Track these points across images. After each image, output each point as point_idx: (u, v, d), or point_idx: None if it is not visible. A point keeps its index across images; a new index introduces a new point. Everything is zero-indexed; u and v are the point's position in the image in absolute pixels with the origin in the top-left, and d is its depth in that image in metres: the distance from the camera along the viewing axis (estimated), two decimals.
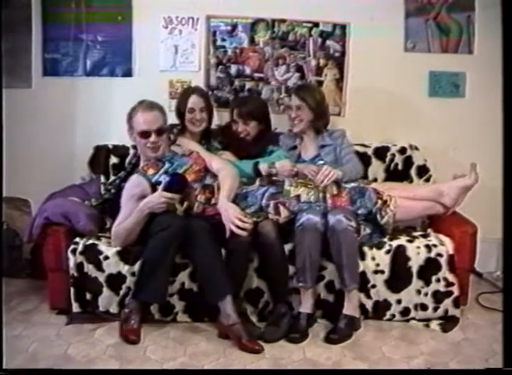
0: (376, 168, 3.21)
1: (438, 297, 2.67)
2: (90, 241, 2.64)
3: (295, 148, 3.04)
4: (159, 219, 2.51)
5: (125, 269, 2.58)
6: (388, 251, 2.65)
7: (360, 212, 2.66)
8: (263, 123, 3.01)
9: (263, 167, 2.83)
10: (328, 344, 2.46)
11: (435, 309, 2.68)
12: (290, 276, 2.60)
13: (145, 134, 2.59)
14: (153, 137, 2.60)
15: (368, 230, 2.69)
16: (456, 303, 2.68)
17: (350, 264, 2.53)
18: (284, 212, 2.64)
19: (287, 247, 2.61)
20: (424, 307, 2.68)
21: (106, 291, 2.59)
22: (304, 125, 2.97)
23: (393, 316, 2.69)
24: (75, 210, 2.69)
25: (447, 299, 2.67)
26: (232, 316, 2.42)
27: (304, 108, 2.93)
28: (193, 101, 2.89)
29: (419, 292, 2.67)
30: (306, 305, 2.58)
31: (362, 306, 2.64)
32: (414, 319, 2.69)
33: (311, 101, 2.93)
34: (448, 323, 2.65)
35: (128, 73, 3.26)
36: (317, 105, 2.94)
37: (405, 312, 2.68)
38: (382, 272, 2.64)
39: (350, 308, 2.55)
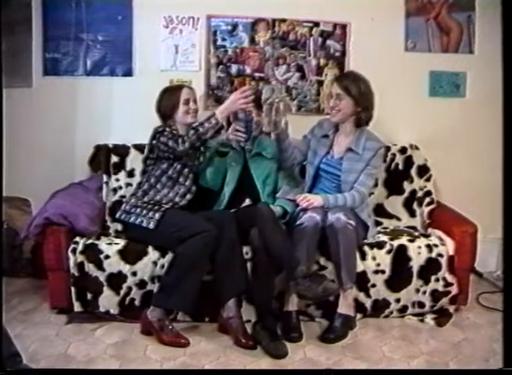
0: None
1: (435, 296, 2.69)
2: (91, 241, 2.65)
3: (325, 136, 2.82)
4: (190, 222, 2.54)
5: (126, 268, 2.58)
6: (389, 251, 2.66)
7: None
8: None
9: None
10: (324, 343, 2.46)
11: (432, 307, 2.70)
12: None
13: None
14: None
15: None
16: (453, 300, 2.69)
17: (348, 262, 2.53)
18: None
19: None
20: (421, 305, 2.70)
21: (107, 291, 2.60)
22: (343, 116, 2.74)
23: (390, 312, 2.70)
24: (76, 212, 2.68)
25: (445, 298, 2.69)
26: (232, 308, 2.46)
27: (344, 97, 2.69)
28: (187, 92, 2.88)
29: (417, 290, 2.68)
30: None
31: (361, 305, 2.64)
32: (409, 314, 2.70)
33: (355, 90, 2.69)
34: (442, 317, 2.66)
35: (128, 73, 3.25)
36: (360, 96, 2.70)
37: (403, 309, 2.70)
38: (383, 272, 2.65)
39: (344, 307, 2.55)
